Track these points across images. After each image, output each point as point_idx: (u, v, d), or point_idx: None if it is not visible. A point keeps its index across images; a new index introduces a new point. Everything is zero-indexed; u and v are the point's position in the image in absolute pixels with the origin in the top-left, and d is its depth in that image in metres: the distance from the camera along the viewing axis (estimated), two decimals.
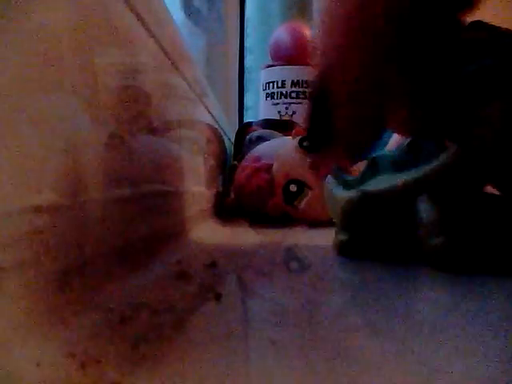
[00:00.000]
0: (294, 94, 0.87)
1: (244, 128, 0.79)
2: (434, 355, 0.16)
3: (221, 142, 0.73)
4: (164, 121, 0.35)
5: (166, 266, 0.28)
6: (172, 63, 0.38)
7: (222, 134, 0.75)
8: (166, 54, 0.36)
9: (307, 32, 0.92)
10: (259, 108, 0.95)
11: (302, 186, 0.54)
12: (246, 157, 0.63)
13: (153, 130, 0.32)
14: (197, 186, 0.49)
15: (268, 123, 0.77)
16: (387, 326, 0.19)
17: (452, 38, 0.31)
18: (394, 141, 0.55)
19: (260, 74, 0.92)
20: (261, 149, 0.62)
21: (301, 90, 0.85)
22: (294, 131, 0.60)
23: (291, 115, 0.88)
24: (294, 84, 0.86)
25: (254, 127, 0.76)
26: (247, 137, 0.71)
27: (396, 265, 0.34)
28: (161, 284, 0.24)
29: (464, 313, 0.21)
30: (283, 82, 0.86)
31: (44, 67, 0.17)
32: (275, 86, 0.87)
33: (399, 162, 0.33)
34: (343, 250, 0.35)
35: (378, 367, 0.15)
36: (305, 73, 0.88)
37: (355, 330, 0.18)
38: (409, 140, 0.33)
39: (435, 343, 0.17)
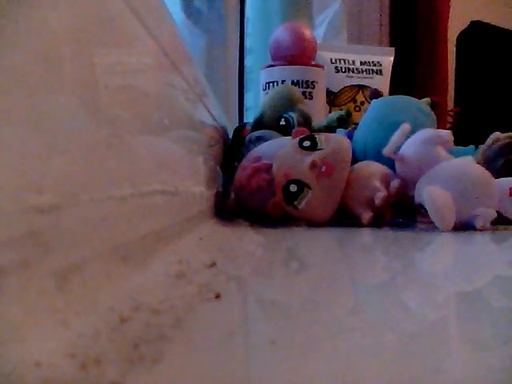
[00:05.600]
0: None
1: (239, 129, 0.79)
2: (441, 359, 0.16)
3: (221, 142, 0.73)
4: (164, 121, 0.35)
5: (165, 266, 0.28)
6: (172, 63, 0.38)
7: (222, 133, 0.75)
8: (165, 54, 0.36)
9: (307, 32, 0.92)
10: None
11: (302, 186, 0.54)
12: (246, 157, 0.63)
13: (153, 130, 0.32)
14: (197, 186, 0.49)
15: None
16: (388, 325, 0.19)
17: None
18: (394, 141, 0.55)
19: (260, 74, 0.92)
20: (261, 149, 0.62)
21: (301, 90, 0.85)
22: (294, 131, 0.60)
23: None
24: (293, 84, 0.85)
25: (248, 127, 0.76)
26: (247, 137, 0.71)
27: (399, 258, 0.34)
28: (161, 284, 0.24)
29: None
30: (283, 83, 0.86)
31: (44, 67, 0.17)
32: (275, 86, 0.87)
33: None
34: None
35: (378, 367, 0.15)
36: (305, 73, 0.88)
37: (356, 330, 0.18)
38: None
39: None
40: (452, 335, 0.19)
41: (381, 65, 1.03)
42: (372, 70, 1.02)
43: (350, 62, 1.02)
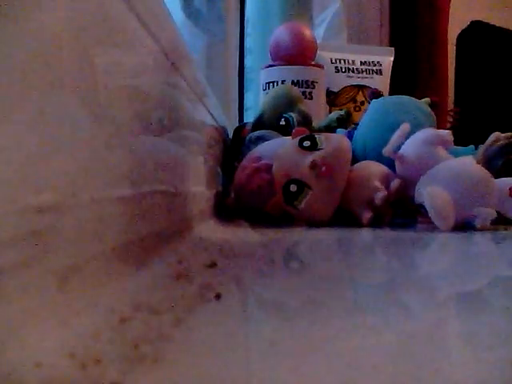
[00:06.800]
0: None
1: (239, 129, 0.79)
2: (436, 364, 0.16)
3: (221, 142, 0.73)
4: (164, 121, 0.35)
5: (166, 266, 0.28)
6: (172, 63, 0.38)
7: (222, 133, 0.75)
8: (165, 54, 0.36)
9: (307, 32, 0.92)
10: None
11: (302, 186, 0.54)
12: (246, 157, 0.63)
13: (153, 130, 0.32)
14: (197, 186, 0.49)
15: None
16: (388, 325, 0.19)
17: None
18: (394, 141, 0.55)
19: (260, 74, 0.92)
20: (261, 149, 0.62)
21: (301, 90, 0.85)
22: (294, 131, 0.60)
23: None
24: (293, 84, 0.85)
25: (248, 127, 0.76)
26: (247, 137, 0.71)
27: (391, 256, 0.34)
28: (161, 284, 0.24)
29: None
30: (283, 83, 0.86)
31: (44, 67, 0.17)
32: (275, 86, 0.87)
33: None
34: None
35: (378, 367, 0.15)
36: (305, 73, 0.88)
37: (355, 330, 0.18)
38: None
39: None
40: (452, 335, 0.19)
41: (381, 65, 1.03)
42: (372, 70, 1.02)
43: (350, 62, 1.02)
